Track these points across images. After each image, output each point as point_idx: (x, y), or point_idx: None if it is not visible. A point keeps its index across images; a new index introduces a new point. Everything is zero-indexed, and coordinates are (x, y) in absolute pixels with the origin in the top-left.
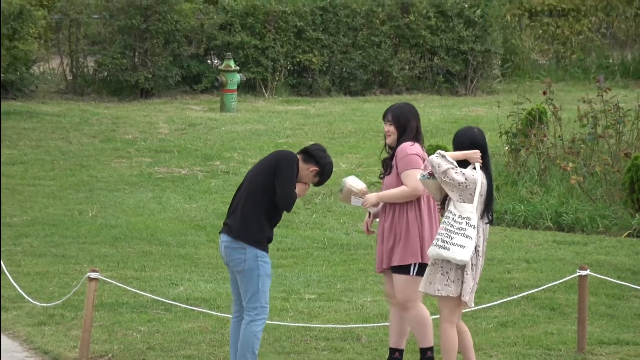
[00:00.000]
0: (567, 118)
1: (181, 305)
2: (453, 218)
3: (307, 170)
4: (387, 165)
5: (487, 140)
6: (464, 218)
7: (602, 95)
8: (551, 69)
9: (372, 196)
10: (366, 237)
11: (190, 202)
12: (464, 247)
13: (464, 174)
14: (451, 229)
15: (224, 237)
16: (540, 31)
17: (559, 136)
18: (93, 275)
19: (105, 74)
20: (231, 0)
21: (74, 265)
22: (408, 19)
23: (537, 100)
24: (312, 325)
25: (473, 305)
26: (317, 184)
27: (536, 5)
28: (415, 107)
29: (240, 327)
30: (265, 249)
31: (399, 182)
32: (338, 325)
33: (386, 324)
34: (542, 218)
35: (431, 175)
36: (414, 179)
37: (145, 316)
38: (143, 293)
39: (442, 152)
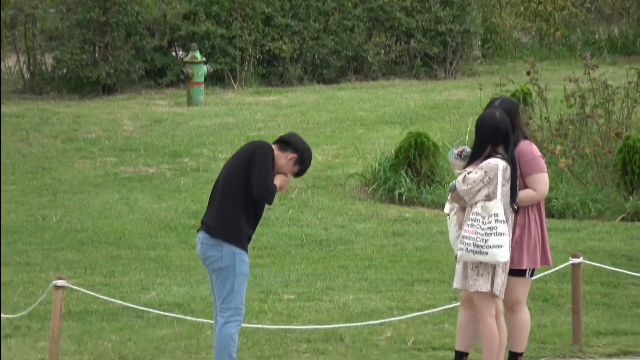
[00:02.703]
0: (553, 98)
1: (153, 311)
2: (482, 220)
3: (285, 159)
4: None
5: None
6: (491, 216)
7: (589, 73)
8: (534, 47)
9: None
10: (346, 232)
11: (159, 202)
12: (501, 246)
13: (481, 168)
14: (482, 231)
15: (201, 234)
16: (522, 8)
17: (546, 118)
18: (59, 283)
19: (65, 70)
20: None
21: (39, 274)
22: (382, 1)
23: (520, 81)
24: (292, 327)
25: (503, 297)
26: (298, 174)
27: None
28: (516, 102)
29: None
30: (244, 247)
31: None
32: (319, 326)
33: (370, 322)
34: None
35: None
36: (543, 183)
37: (116, 324)
38: (113, 300)
39: (459, 176)
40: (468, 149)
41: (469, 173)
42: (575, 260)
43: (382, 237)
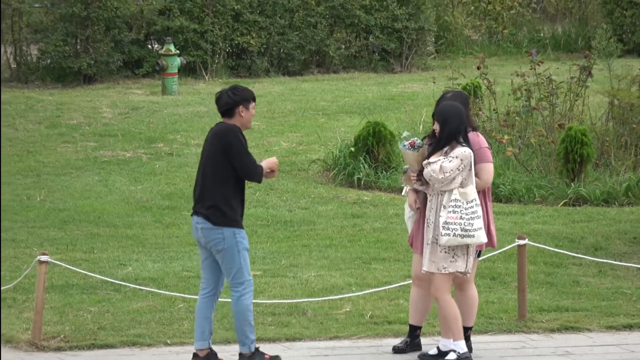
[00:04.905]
0: (501, 92)
1: (130, 285)
2: (463, 206)
3: (240, 115)
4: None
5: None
6: (470, 202)
7: (534, 69)
8: (484, 44)
9: None
10: (308, 213)
11: (135, 184)
12: (481, 228)
13: (456, 156)
14: (466, 216)
15: (199, 219)
16: (472, 7)
17: (494, 110)
18: (43, 258)
19: (49, 61)
20: None
21: (24, 249)
22: None
23: (471, 75)
24: (258, 301)
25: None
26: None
27: None
28: (467, 96)
29: (211, 305)
30: (241, 225)
31: None
32: (284, 301)
33: (331, 297)
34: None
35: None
36: (487, 173)
37: (95, 297)
38: (92, 274)
39: (430, 165)
40: (419, 140)
41: (443, 162)
42: (521, 242)
43: (342, 218)
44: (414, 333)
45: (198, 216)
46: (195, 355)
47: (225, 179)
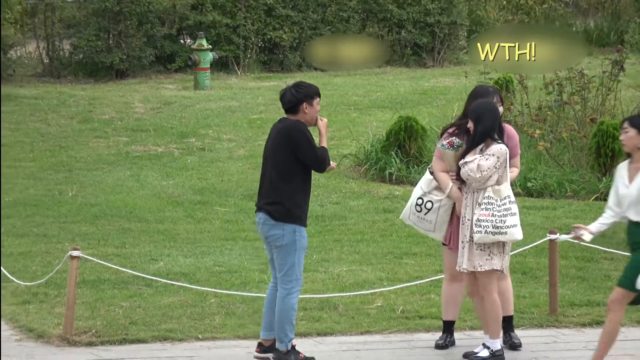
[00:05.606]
0: (533, 86)
1: (161, 280)
2: (496, 204)
3: (304, 112)
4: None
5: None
6: (504, 198)
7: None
8: None
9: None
10: (340, 208)
11: (167, 179)
12: (516, 225)
13: (493, 154)
14: (498, 213)
15: (262, 215)
16: (505, 2)
17: (526, 104)
18: (75, 253)
19: (81, 56)
20: None
21: (56, 244)
22: None
23: (503, 70)
24: None
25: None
26: (319, 95)
27: None
28: (494, 89)
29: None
30: (303, 224)
31: None
32: (315, 295)
33: (362, 292)
34: (511, 184)
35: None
36: (519, 163)
37: (126, 292)
38: (124, 269)
39: (467, 165)
40: (457, 140)
41: (480, 160)
42: (552, 236)
43: (373, 213)
44: (451, 329)
45: (261, 212)
46: (260, 344)
47: (289, 176)
